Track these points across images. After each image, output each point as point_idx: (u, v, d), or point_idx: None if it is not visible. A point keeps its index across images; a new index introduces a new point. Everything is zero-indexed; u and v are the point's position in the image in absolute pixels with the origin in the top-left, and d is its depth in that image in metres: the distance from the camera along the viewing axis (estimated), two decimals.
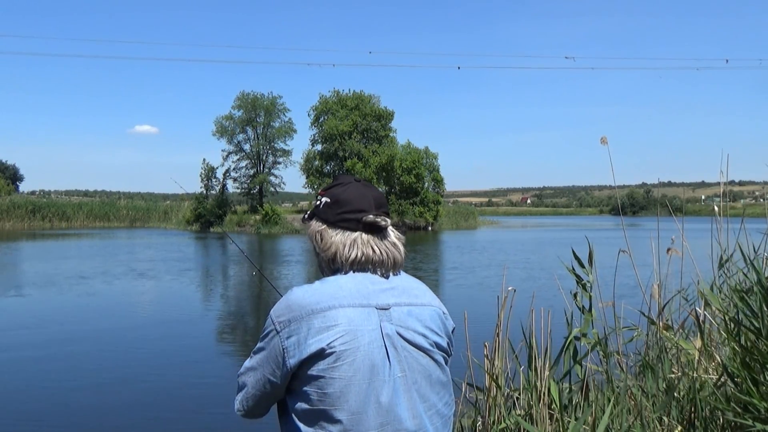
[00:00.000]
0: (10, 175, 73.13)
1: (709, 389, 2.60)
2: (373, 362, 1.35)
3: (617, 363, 3.21)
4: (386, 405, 1.34)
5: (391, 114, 53.30)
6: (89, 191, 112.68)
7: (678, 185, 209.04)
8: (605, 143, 3.33)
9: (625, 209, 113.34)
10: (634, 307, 3.33)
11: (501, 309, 3.24)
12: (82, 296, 13.62)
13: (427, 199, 51.57)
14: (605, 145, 3.33)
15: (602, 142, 3.34)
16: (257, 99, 52.62)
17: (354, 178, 1.55)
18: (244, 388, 1.46)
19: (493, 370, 3.16)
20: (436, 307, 1.49)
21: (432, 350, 1.43)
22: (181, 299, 13.83)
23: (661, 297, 3.22)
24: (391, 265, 1.48)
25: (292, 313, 1.37)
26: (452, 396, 1.51)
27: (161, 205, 61.55)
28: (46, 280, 16.05)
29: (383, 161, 49.87)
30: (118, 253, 25.55)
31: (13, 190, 65.79)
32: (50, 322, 10.84)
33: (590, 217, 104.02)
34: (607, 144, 3.33)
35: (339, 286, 1.41)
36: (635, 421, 2.58)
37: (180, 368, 7.86)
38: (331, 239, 1.47)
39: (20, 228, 47.68)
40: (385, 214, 1.50)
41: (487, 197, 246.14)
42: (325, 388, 1.33)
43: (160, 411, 6.19)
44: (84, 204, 58.48)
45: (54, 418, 5.94)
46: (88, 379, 7.23)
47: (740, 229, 2.99)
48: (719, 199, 3.43)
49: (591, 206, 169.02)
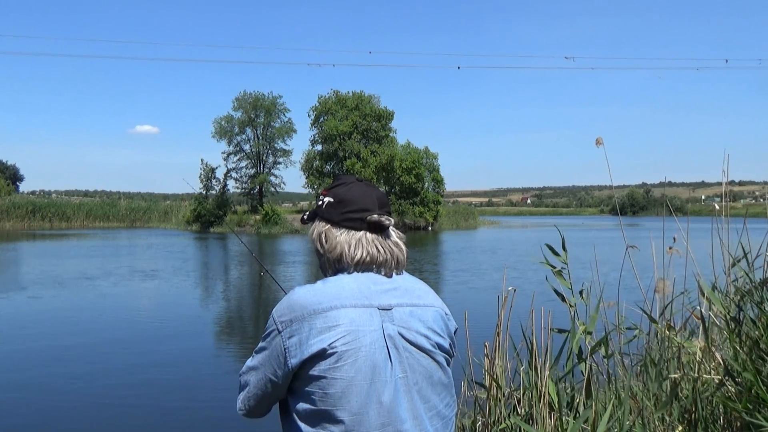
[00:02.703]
0: (10, 175, 73.10)
1: (712, 389, 2.61)
2: (375, 363, 1.34)
3: (618, 362, 3.21)
4: (387, 405, 1.34)
5: (391, 114, 53.32)
6: (89, 191, 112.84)
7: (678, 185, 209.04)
8: (600, 144, 3.33)
9: (625, 209, 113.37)
10: (635, 307, 3.33)
11: (501, 309, 3.25)
12: (86, 296, 13.62)
13: (427, 199, 51.59)
14: (600, 146, 3.33)
15: (597, 143, 3.34)
16: (257, 99, 52.63)
17: (356, 178, 1.55)
18: (246, 387, 1.46)
19: (493, 369, 3.16)
20: (439, 308, 1.49)
21: (434, 351, 1.43)
22: (182, 299, 13.83)
23: (665, 293, 3.22)
24: (394, 264, 1.48)
25: (294, 313, 1.37)
26: (454, 397, 1.51)
27: (161, 205, 61.57)
28: (47, 280, 16.04)
29: (383, 161, 49.87)
30: (120, 254, 25.56)
31: (13, 190, 65.76)
32: (52, 322, 10.83)
33: (590, 217, 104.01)
34: (602, 145, 3.33)
35: (341, 287, 1.40)
36: (636, 421, 2.58)
37: (181, 368, 7.86)
38: (336, 239, 1.46)
39: (20, 228, 47.69)
40: (388, 214, 1.50)
41: (487, 197, 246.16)
42: (326, 389, 1.32)
43: (160, 410, 6.18)
44: (84, 204, 58.52)
45: (55, 418, 5.94)
46: (88, 378, 7.23)
47: (744, 229, 2.99)
48: (719, 198, 3.43)
49: (591, 206, 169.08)
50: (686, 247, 3.25)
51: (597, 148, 3.33)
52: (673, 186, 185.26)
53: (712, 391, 2.61)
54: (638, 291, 3.43)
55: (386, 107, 53.34)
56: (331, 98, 53.46)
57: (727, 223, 3.12)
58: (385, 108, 53.21)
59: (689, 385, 2.69)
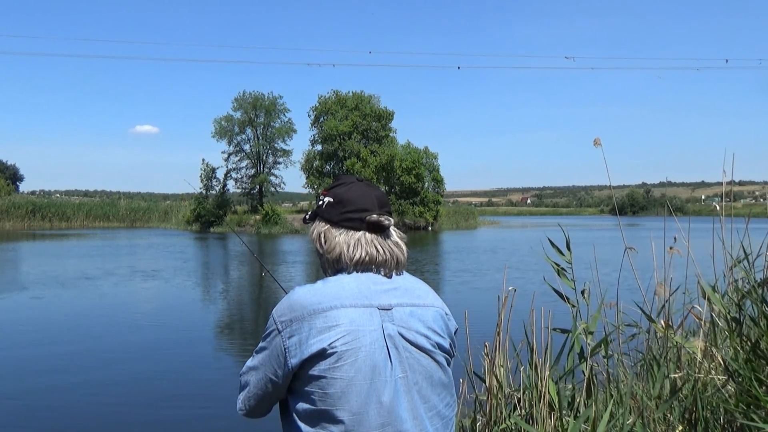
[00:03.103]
0: (10, 175, 73.12)
1: (712, 389, 2.60)
2: (375, 363, 1.34)
3: (618, 362, 3.21)
4: (387, 405, 1.34)
5: (391, 114, 53.32)
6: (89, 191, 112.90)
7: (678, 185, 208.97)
8: (599, 145, 3.33)
9: (625, 209, 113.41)
10: (636, 307, 3.32)
11: (501, 308, 3.24)
12: (87, 296, 13.62)
13: (427, 199, 51.59)
14: (599, 146, 3.33)
15: (595, 144, 3.34)
16: (257, 99, 52.62)
17: (356, 178, 1.55)
18: (246, 387, 1.47)
19: (493, 369, 3.16)
20: (439, 308, 1.49)
21: (434, 351, 1.43)
22: (182, 299, 13.82)
23: (665, 295, 3.22)
24: (394, 264, 1.48)
25: (294, 313, 1.37)
26: (454, 397, 1.51)
27: (161, 205, 61.58)
28: (47, 280, 16.04)
29: (383, 161, 49.87)
30: (120, 254, 25.56)
31: (13, 190, 65.79)
32: (52, 322, 10.83)
33: (590, 217, 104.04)
34: (600, 146, 3.33)
35: (341, 287, 1.40)
36: (636, 420, 2.58)
37: (181, 367, 7.85)
38: (335, 239, 1.47)
39: (20, 228, 47.69)
40: (387, 214, 1.50)
41: (487, 197, 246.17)
42: (326, 389, 1.32)
43: (161, 410, 6.18)
44: (84, 204, 58.54)
45: (55, 417, 5.94)
46: (89, 378, 7.23)
47: (746, 229, 2.98)
48: (719, 198, 3.43)
49: (591, 206, 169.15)
50: (687, 248, 3.25)
51: (596, 148, 3.33)
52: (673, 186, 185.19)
53: (712, 391, 2.60)
54: (639, 291, 3.42)
55: (386, 107, 53.41)
56: (331, 98, 53.47)
57: (731, 223, 3.11)
58: (385, 108, 53.23)
59: (689, 385, 2.69)
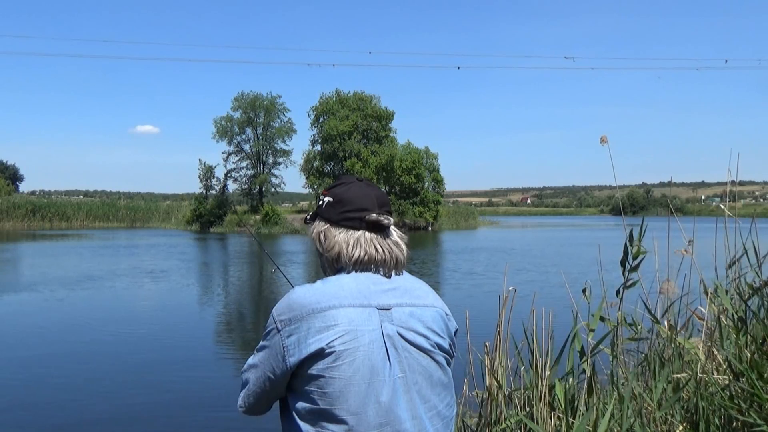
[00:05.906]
0: (10, 175, 73.20)
1: (714, 389, 2.60)
2: (373, 362, 1.34)
3: (620, 362, 3.20)
4: (386, 405, 1.34)
5: (391, 114, 53.35)
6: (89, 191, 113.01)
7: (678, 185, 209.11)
8: (605, 143, 3.31)
9: (625, 209, 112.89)
10: (639, 307, 3.32)
11: (502, 308, 3.24)
12: (87, 296, 13.62)
13: (427, 199, 51.61)
14: (605, 144, 3.31)
15: (602, 141, 3.32)
16: (257, 99, 52.62)
17: (356, 178, 1.55)
18: (246, 384, 1.47)
19: (494, 369, 3.15)
20: (439, 308, 1.49)
21: (433, 351, 1.43)
22: (184, 299, 13.83)
23: (669, 294, 3.21)
24: (394, 264, 1.48)
25: (293, 312, 1.37)
26: (454, 397, 1.50)
27: (161, 206, 61.65)
28: (47, 280, 16.04)
29: (383, 161, 49.88)
30: (120, 254, 25.57)
31: (13, 190, 65.85)
32: (53, 322, 10.83)
33: (591, 217, 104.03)
34: (607, 143, 3.31)
35: (340, 286, 1.40)
36: (637, 420, 2.57)
37: (182, 367, 7.85)
38: (335, 238, 1.47)
39: (20, 228, 47.72)
40: (387, 213, 1.49)
41: (487, 197, 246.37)
42: (325, 388, 1.32)
43: (162, 409, 6.18)
44: (84, 204, 58.60)
45: (55, 417, 5.94)
46: (89, 377, 7.23)
47: (750, 229, 2.97)
48: (719, 198, 3.42)
49: (591, 206, 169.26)
50: (693, 247, 3.24)
51: (598, 148, 3.32)
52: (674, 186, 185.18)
53: (713, 390, 2.60)
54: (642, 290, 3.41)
55: (386, 107, 53.44)
56: (332, 98, 53.47)
57: (735, 223, 3.11)
58: (385, 108, 53.26)
59: (692, 385, 2.68)
